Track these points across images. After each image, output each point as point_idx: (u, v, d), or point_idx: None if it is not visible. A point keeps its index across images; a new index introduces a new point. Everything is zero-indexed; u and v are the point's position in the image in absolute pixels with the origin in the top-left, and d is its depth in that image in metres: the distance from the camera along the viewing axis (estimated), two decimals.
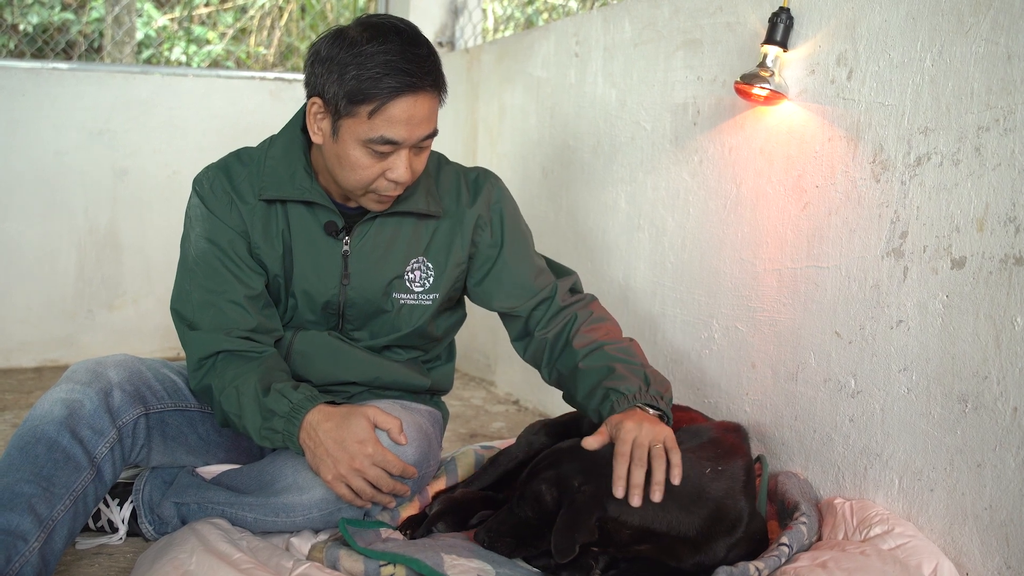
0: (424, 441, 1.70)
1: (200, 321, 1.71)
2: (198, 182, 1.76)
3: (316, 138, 1.65)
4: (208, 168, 1.78)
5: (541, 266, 1.88)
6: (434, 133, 1.64)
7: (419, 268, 1.80)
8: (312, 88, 1.63)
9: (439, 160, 1.85)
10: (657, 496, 1.42)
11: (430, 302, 1.82)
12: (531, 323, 1.83)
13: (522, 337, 1.87)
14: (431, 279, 1.81)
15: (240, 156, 1.79)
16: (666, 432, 1.51)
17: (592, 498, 1.41)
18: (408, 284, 1.80)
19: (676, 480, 1.44)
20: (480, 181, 1.86)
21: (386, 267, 1.78)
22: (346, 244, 1.75)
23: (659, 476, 1.44)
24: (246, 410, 1.63)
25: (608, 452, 1.49)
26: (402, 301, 1.80)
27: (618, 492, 1.42)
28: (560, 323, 1.81)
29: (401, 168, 1.61)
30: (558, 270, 1.91)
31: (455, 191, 1.83)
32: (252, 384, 1.63)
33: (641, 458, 1.45)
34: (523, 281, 1.84)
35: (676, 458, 1.47)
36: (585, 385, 1.69)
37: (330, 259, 1.75)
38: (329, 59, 1.58)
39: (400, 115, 1.57)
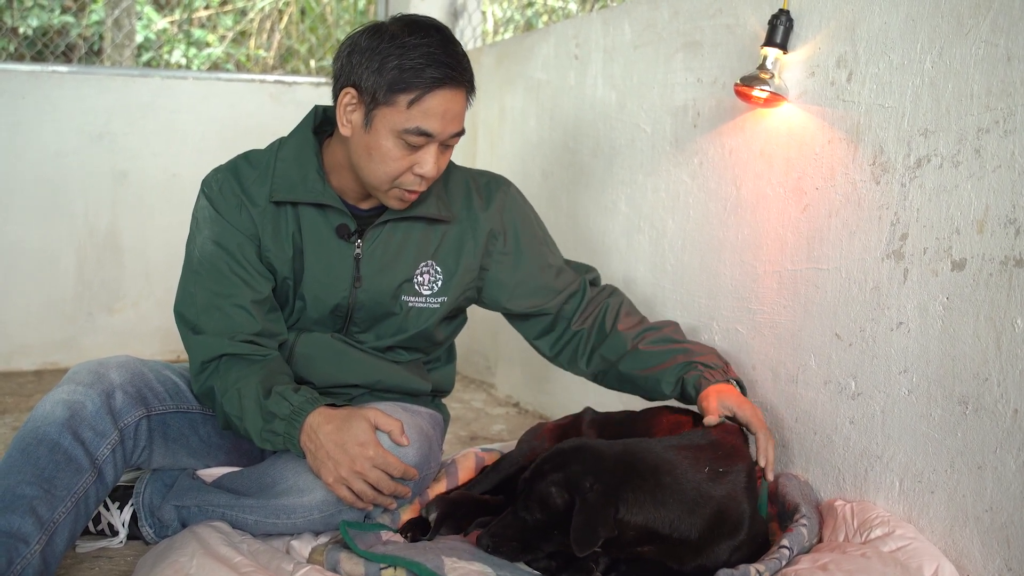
0: (425, 443, 1.70)
1: (204, 325, 1.71)
2: (207, 184, 1.76)
3: (345, 130, 1.66)
4: (217, 170, 1.78)
5: (561, 264, 1.93)
6: (462, 132, 1.67)
7: (428, 272, 1.81)
8: (346, 79, 1.64)
9: (447, 165, 1.86)
10: (771, 475, 1.68)
11: (438, 305, 1.83)
12: (561, 318, 1.90)
13: (546, 333, 1.92)
14: (440, 283, 1.82)
15: (249, 158, 1.78)
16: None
17: (606, 495, 1.41)
18: (417, 287, 1.80)
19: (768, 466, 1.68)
20: (492, 188, 1.88)
21: (396, 270, 1.78)
22: (358, 247, 1.76)
23: (773, 455, 1.69)
24: (247, 412, 1.63)
25: (614, 451, 1.49)
26: (411, 304, 1.81)
27: (763, 461, 1.66)
28: (593, 313, 1.90)
29: (429, 163, 1.63)
30: (577, 267, 1.96)
31: (464, 196, 1.84)
32: (253, 387, 1.63)
33: (770, 436, 1.69)
34: (545, 282, 1.89)
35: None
36: (651, 361, 1.82)
37: (342, 262, 1.76)
38: (369, 49, 1.60)
39: (437, 107, 1.60)
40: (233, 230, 1.72)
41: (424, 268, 1.81)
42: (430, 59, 1.58)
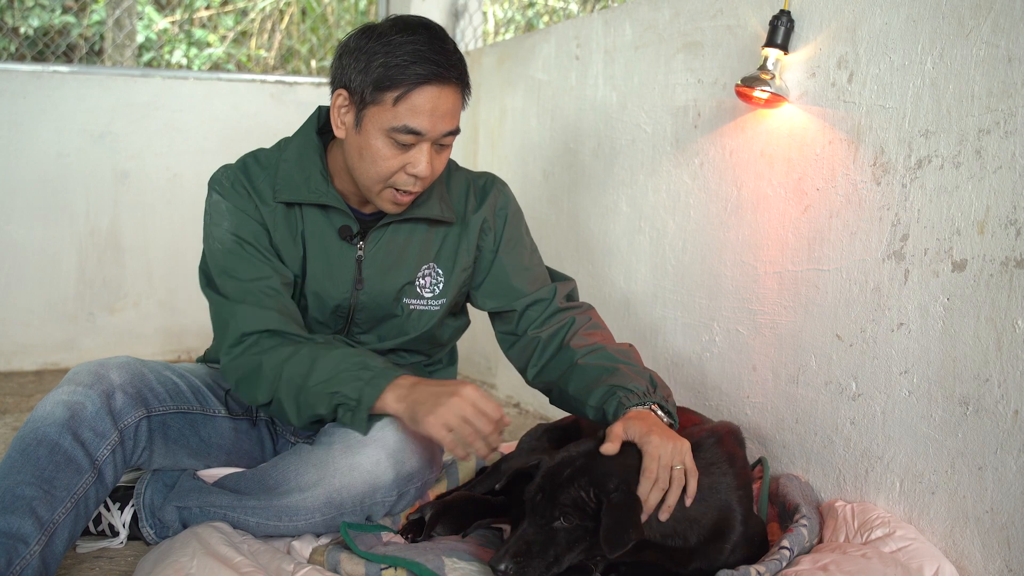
0: (427, 449, 1.69)
1: (245, 297, 1.68)
2: (216, 181, 1.75)
3: (339, 132, 1.65)
4: (226, 167, 1.77)
5: (538, 269, 1.88)
6: (456, 131, 1.65)
7: (429, 274, 1.80)
8: (338, 81, 1.64)
9: (449, 166, 1.85)
10: (664, 516, 1.43)
11: (438, 307, 1.82)
12: (523, 322, 1.83)
13: (510, 333, 1.87)
14: (440, 285, 1.82)
15: (257, 157, 1.78)
16: (686, 449, 1.48)
17: (631, 495, 1.40)
18: (419, 290, 1.80)
19: (688, 504, 1.46)
20: (487, 187, 1.87)
21: (398, 273, 1.78)
22: (360, 249, 1.75)
23: (672, 500, 1.44)
24: (321, 367, 1.59)
25: (631, 454, 1.48)
26: (412, 306, 1.81)
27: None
28: (556, 325, 1.81)
29: (423, 163, 1.61)
30: (555, 276, 1.91)
31: (464, 198, 1.84)
32: (339, 348, 1.63)
33: (663, 480, 1.43)
34: (516, 283, 1.84)
35: (692, 485, 1.46)
36: (583, 380, 1.69)
37: (343, 264, 1.75)
38: (357, 49, 1.60)
39: (425, 104, 1.58)
40: (250, 220, 1.72)
41: (426, 271, 1.80)
42: (416, 56, 1.56)
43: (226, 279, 1.70)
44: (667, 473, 1.44)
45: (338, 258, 1.75)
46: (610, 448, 1.45)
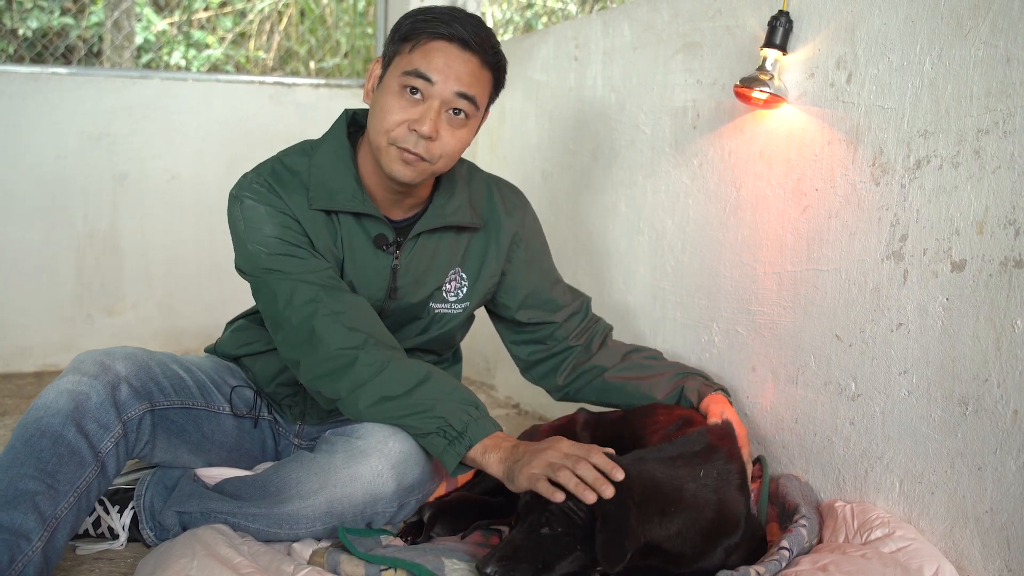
0: (430, 461, 1.66)
1: (319, 319, 1.63)
2: (247, 187, 1.70)
3: (367, 99, 1.70)
4: (254, 173, 1.73)
5: (564, 283, 1.99)
6: (472, 100, 1.64)
7: (455, 279, 1.82)
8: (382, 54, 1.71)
9: (469, 168, 1.87)
10: None
11: (460, 310, 1.85)
12: (561, 331, 1.93)
13: (533, 343, 1.95)
14: (465, 289, 1.84)
15: (285, 163, 1.74)
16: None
17: (624, 506, 1.38)
18: (444, 295, 1.82)
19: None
20: (515, 199, 1.92)
21: (430, 280, 1.79)
22: (396, 258, 1.75)
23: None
24: (431, 386, 1.59)
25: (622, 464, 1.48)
26: (436, 310, 1.83)
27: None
28: (588, 332, 1.95)
29: (427, 121, 1.60)
30: (573, 290, 2.01)
31: (487, 200, 1.86)
32: (439, 371, 1.65)
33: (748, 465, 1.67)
34: (552, 296, 1.93)
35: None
36: (646, 371, 1.89)
37: (379, 272, 1.75)
38: (402, 19, 1.67)
39: (438, 56, 1.61)
40: (293, 222, 1.69)
41: (452, 276, 1.82)
42: (446, 17, 1.61)
43: (287, 286, 1.66)
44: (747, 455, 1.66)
45: (373, 266, 1.75)
46: (715, 420, 1.72)
